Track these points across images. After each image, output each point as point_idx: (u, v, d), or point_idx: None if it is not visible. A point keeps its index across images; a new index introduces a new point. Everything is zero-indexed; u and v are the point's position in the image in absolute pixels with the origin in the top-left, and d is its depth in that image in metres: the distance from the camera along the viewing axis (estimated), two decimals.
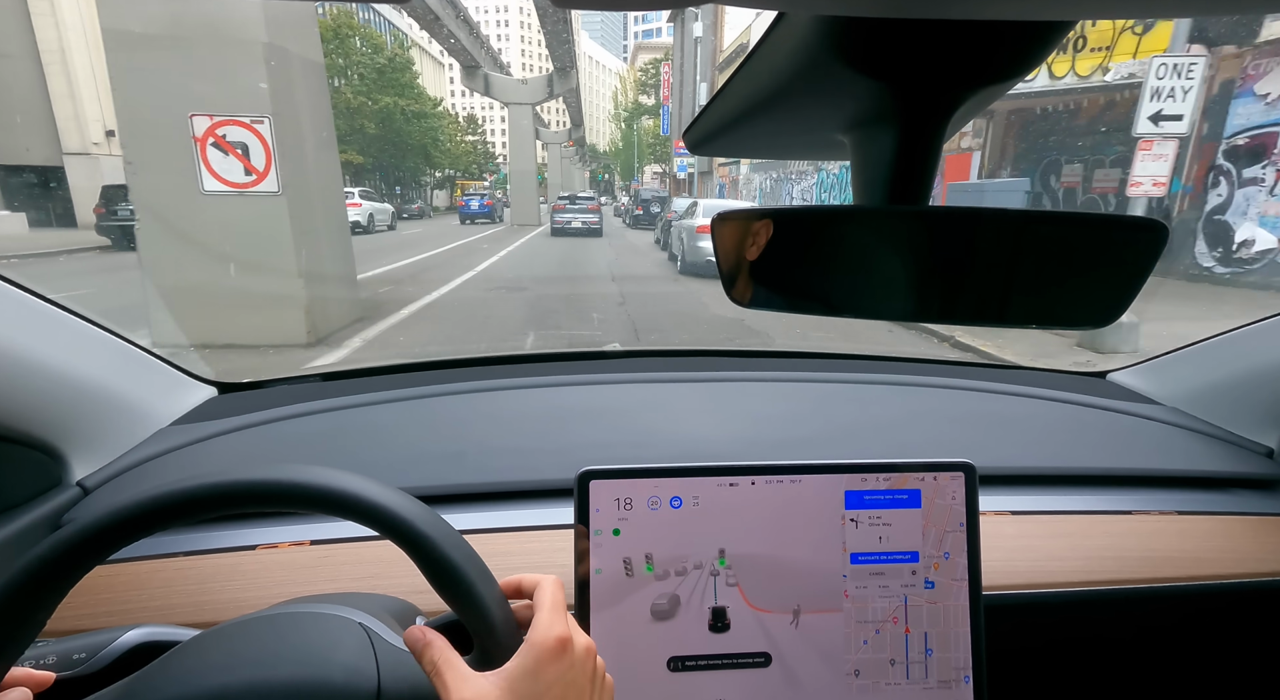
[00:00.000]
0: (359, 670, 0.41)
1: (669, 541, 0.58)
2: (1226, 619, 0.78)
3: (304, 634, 0.43)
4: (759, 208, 0.41)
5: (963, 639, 0.59)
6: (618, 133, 73.64)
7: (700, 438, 0.91)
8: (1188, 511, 0.83)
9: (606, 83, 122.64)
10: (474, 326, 6.02)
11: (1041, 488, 0.87)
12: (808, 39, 0.33)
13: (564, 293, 8.25)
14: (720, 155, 0.63)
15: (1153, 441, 0.95)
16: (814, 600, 0.59)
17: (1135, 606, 0.74)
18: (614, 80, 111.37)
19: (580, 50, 31.36)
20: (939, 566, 0.60)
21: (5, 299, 0.66)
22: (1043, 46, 0.33)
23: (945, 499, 0.60)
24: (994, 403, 1.04)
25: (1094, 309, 0.38)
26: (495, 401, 0.99)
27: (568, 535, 0.58)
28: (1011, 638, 0.69)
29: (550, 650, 0.40)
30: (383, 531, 0.39)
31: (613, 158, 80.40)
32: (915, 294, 0.39)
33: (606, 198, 57.68)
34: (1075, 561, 0.74)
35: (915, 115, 0.37)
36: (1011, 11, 0.26)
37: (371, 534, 0.42)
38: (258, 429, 0.88)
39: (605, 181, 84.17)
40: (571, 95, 34.59)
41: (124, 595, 0.63)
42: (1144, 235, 0.36)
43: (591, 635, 0.55)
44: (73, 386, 0.72)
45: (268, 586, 0.64)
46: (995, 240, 0.38)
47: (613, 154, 79.93)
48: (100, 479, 0.76)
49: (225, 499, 0.39)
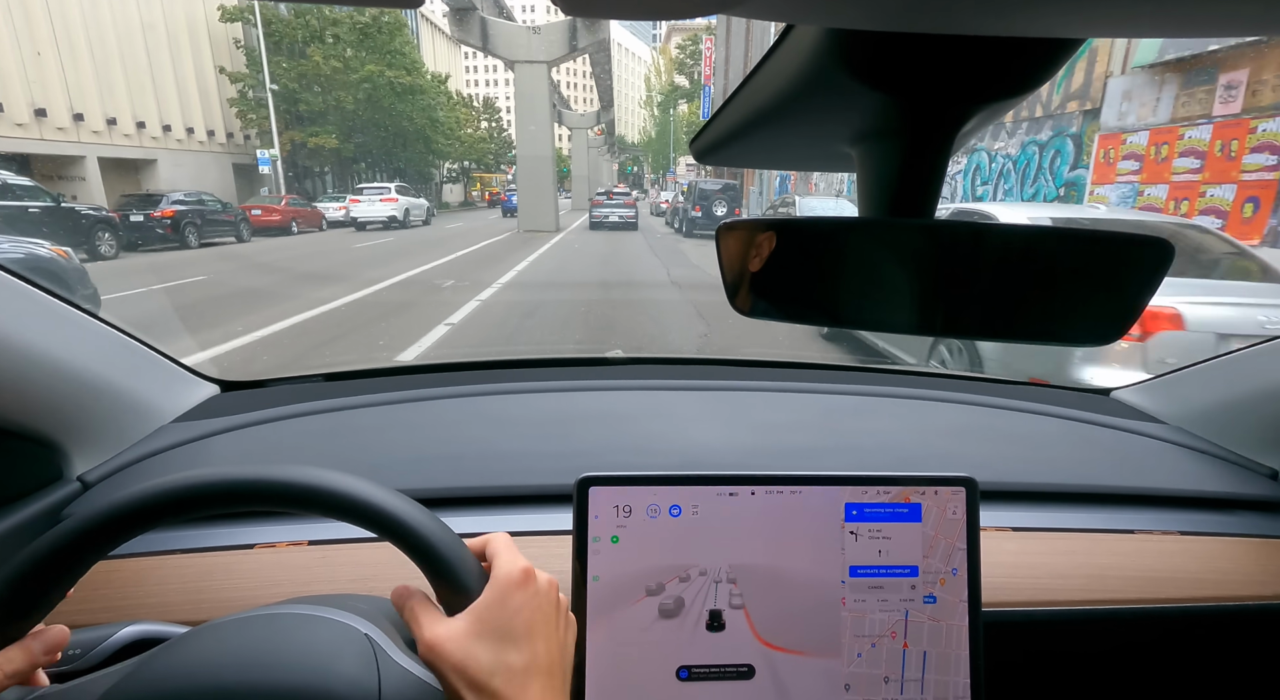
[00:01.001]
0: (360, 684, 0.41)
1: (667, 550, 0.57)
2: (1229, 641, 0.77)
3: (307, 638, 0.43)
4: (764, 218, 0.42)
5: (963, 662, 0.58)
6: (650, 120, 68.31)
7: (701, 446, 0.90)
8: (1190, 532, 0.82)
9: (635, 71, 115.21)
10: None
11: (1044, 504, 0.86)
12: (816, 51, 0.33)
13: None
14: (726, 165, 0.64)
15: (1156, 460, 0.94)
16: (811, 611, 0.58)
17: (1137, 627, 0.73)
18: (643, 68, 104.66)
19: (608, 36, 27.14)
20: (942, 582, 0.59)
21: (10, 292, 0.66)
22: (1052, 62, 0.33)
23: (946, 513, 0.60)
24: (997, 418, 1.03)
25: (1097, 326, 0.38)
26: (497, 405, 0.99)
27: (566, 541, 0.57)
28: (1011, 656, 0.69)
29: (515, 580, 0.43)
30: (369, 526, 0.41)
31: (643, 148, 74.25)
32: (919, 307, 0.39)
33: (638, 192, 52.97)
34: (1077, 579, 0.73)
35: (923, 129, 0.37)
36: (1020, 28, 0.27)
37: (368, 535, 0.42)
38: (259, 428, 0.88)
39: (634, 174, 78.46)
40: (601, 55, 31.95)
41: (121, 591, 0.63)
42: (1149, 252, 0.36)
43: (588, 642, 0.55)
44: (76, 381, 0.72)
45: (265, 585, 0.64)
46: (1001, 255, 0.38)
47: (643, 144, 73.82)
48: (101, 474, 0.76)
49: (216, 497, 0.40)
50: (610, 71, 38.16)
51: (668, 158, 58.03)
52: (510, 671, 0.40)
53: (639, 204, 22.73)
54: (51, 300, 0.71)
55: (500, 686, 0.39)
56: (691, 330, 5.96)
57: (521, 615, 0.42)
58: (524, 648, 0.41)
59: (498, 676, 0.39)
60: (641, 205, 28.78)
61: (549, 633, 0.43)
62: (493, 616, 0.41)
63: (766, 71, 0.38)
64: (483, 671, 0.39)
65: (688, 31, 53.04)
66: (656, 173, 68.41)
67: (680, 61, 49.66)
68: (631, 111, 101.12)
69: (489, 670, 0.39)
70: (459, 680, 0.39)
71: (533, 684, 0.40)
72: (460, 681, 0.39)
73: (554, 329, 5.83)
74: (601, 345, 5.35)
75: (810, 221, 0.39)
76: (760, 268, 0.40)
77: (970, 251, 0.38)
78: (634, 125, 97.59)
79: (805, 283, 0.41)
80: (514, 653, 0.40)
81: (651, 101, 63.81)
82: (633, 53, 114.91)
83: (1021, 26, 0.26)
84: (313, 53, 24.99)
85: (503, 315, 6.50)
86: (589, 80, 53.94)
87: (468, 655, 0.39)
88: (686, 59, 48.79)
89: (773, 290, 0.42)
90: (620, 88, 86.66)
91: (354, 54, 26.31)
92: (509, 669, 0.40)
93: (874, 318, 0.40)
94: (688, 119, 53.69)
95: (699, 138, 0.52)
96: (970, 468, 0.61)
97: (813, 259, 0.40)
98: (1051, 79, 0.35)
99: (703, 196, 15.91)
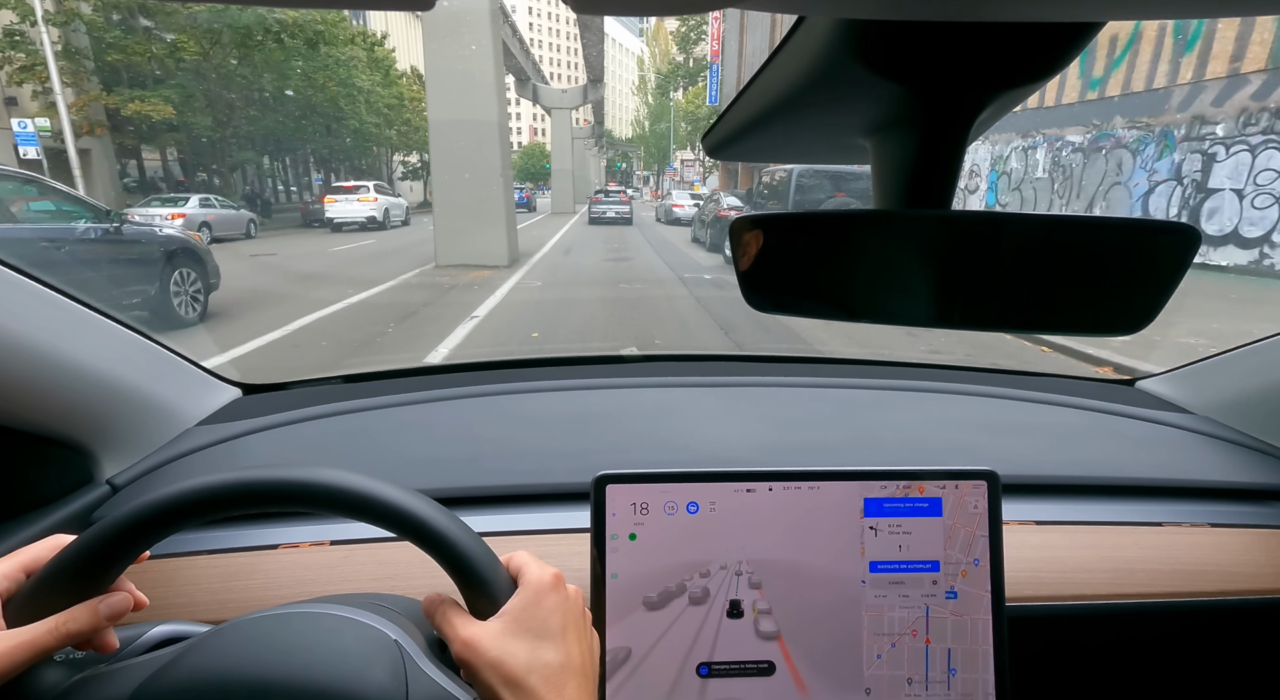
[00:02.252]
0: (389, 692, 0.41)
1: (685, 547, 0.57)
2: (1262, 635, 0.76)
3: (339, 639, 0.43)
4: (779, 212, 0.41)
5: (987, 658, 0.58)
6: (643, 108, 58.86)
7: (718, 443, 0.90)
8: (1220, 524, 0.80)
9: (624, 63, 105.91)
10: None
11: (1067, 497, 0.85)
12: (828, 42, 0.33)
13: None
14: (739, 160, 0.62)
15: (1183, 451, 0.93)
16: (831, 608, 0.58)
17: (1167, 621, 0.72)
18: (631, 60, 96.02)
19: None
20: (963, 575, 0.58)
21: (41, 301, 0.68)
22: (1069, 48, 0.32)
23: (967, 508, 0.59)
24: (1018, 410, 1.01)
25: (1122, 316, 0.37)
26: (514, 404, 0.99)
27: (584, 539, 0.58)
28: (1036, 651, 0.69)
29: (547, 584, 0.43)
30: (403, 534, 0.41)
31: (636, 142, 66.07)
32: (938, 299, 0.39)
33: (631, 190, 46.52)
34: (1104, 573, 0.72)
35: (938, 119, 0.36)
36: (1035, 13, 0.26)
37: (388, 535, 0.43)
38: (281, 430, 0.89)
39: (624, 171, 70.12)
40: (597, 97, 35.34)
41: (149, 592, 0.64)
42: (1175, 239, 0.35)
43: (606, 639, 0.55)
44: (104, 387, 0.73)
45: (289, 585, 0.66)
46: (1020, 245, 0.37)
47: (636, 138, 65.54)
48: (129, 477, 0.77)
49: (272, 495, 0.41)
50: (601, 40, 34.63)
51: (666, 150, 49.65)
52: (547, 669, 0.40)
53: (633, 202, 23.21)
54: (78, 306, 0.72)
55: (537, 684, 0.39)
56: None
57: (555, 616, 0.42)
58: (559, 647, 0.41)
59: (534, 674, 0.39)
60: (639, 208, 28.12)
61: (580, 636, 0.44)
62: (528, 617, 0.41)
63: (778, 64, 0.38)
64: (520, 668, 0.39)
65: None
66: (650, 168, 59.79)
67: (683, 35, 41.74)
68: (620, 106, 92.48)
69: (525, 667, 0.40)
70: (495, 677, 0.39)
71: (570, 682, 0.40)
72: (496, 678, 0.39)
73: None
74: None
75: (825, 214, 0.39)
76: (775, 262, 0.40)
77: (989, 242, 0.37)
78: (623, 120, 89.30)
79: (821, 276, 0.40)
80: (550, 651, 0.41)
81: (645, 86, 55.30)
82: (621, 44, 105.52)
83: (1036, 12, 0.25)
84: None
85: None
86: (575, 57, 46.88)
87: (504, 652, 0.40)
88: (690, 34, 40.90)
89: (788, 285, 0.41)
90: (608, 80, 78.21)
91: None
92: (546, 666, 0.40)
93: (891, 311, 0.40)
94: (689, 105, 46.06)
95: (711, 133, 0.51)
96: (991, 461, 0.61)
97: (828, 252, 0.39)
98: (1068, 66, 0.33)
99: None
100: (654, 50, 53.58)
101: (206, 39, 17.05)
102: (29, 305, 0.66)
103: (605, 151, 68.79)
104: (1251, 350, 0.95)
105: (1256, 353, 0.94)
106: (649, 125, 54.89)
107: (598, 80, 36.77)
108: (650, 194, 54.77)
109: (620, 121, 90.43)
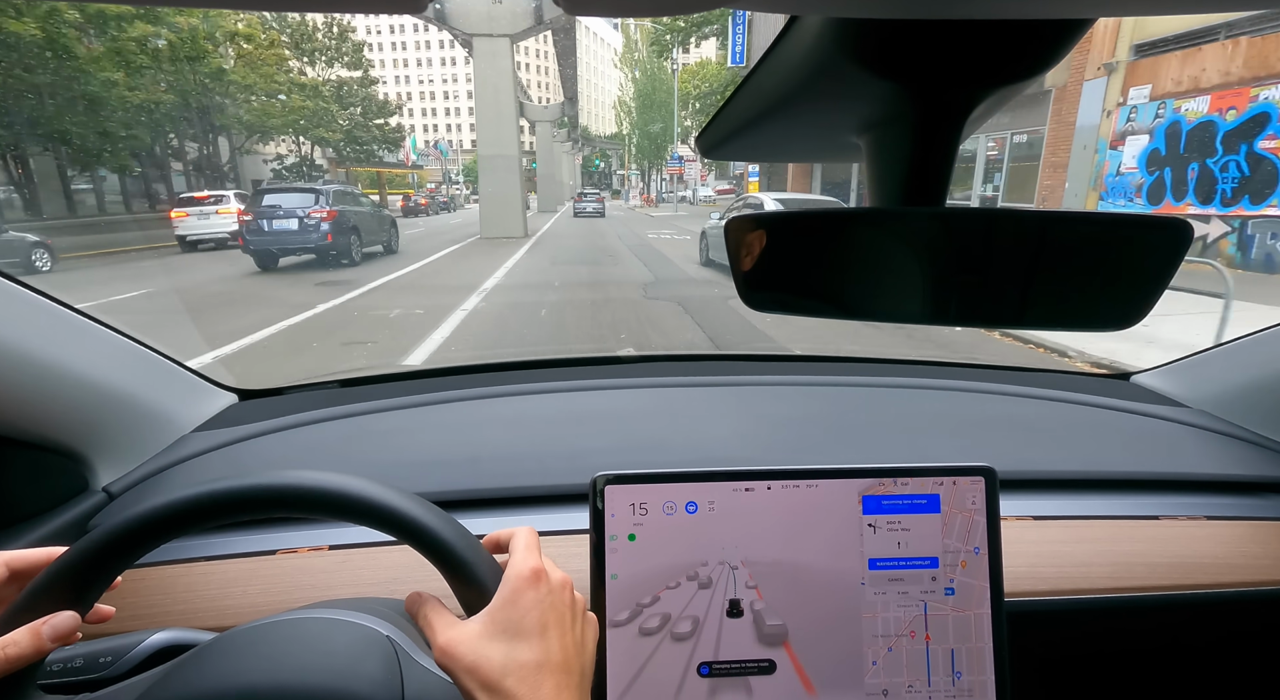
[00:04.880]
0: (384, 685, 0.42)
1: (685, 547, 0.57)
2: (1261, 627, 0.76)
3: (331, 641, 0.44)
4: (772, 211, 0.42)
5: (986, 654, 0.58)
6: (627, 86, 46.07)
7: (715, 442, 0.90)
8: (1217, 516, 0.81)
9: (602, 56, 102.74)
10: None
11: (1065, 492, 0.85)
12: (821, 41, 0.33)
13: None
14: (734, 159, 0.63)
15: (1180, 445, 0.93)
16: (831, 605, 0.58)
17: (1166, 614, 0.73)
18: (609, 53, 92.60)
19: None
20: (962, 566, 0.59)
21: (35, 309, 0.68)
22: (1060, 44, 0.32)
23: (965, 503, 0.59)
24: (1014, 405, 1.02)
25: (1115, 311, 0.38)
26: (511, 406, 0.99)
27: (583, 540, 0.58)
28: (1035, 646, 0.69)
29: (525, 579, 0.43)
30: (385, 529, 0.41)
31: (615, 140, 57.91)
32: (932, 296, 0.39)
33: (607, 193, 45.23)
34: (1102, 567, 0.73)
35: (931, 116, 0.37)
36: (1027, 10, 0.26)
37: (387, 539, 0.43)
38: (278, 435, 0.89)
39: (601, 171, 66.57)
40: (566, 41, 32.32)
41: (148, 599, 0.64)
42: (1166, 235, 0.35)
43: (607, 642, 0.55)
44: (99, 394, 0.73)
45: (288, 591, 0.65)
46: (1014, 241, 0.37)
47: (615, 136, 59.57)
48: (125, 485, 0.77)
49: (240, 503, 0.41)
50: (575, 69, 34.59)
51: (662, 139, 38.96)
52: (523, 670, 0.40)
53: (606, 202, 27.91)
54: (72, 315, 0.72)
55: (513, 686, 0.39)
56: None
57: (533, 614, 0.42)
58: (535, 645, 0.41)
59: (510, 676, 0.39)
60: (628, 216, 28.97)
61: (562, 631, 0.43)
62: (504, 616, 0.41)
63: (772, 63, 0.38)
64: (495, 672, 0.39)
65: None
66: (640, 165, 49.04)
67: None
68: (596, 101, 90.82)
69: (501, 670, 0.39)
70: (472, 681, 0.39)
71: (546, 681, 0.40)
72: (473, 683, 0.39)
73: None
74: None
75: (821, 213, 0.39)
76: (770, 261, 0.40)
77: (984, 238, 0.37)
78: (601, 116, 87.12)
79: (816, 275, 0.41)
80: (525, 651, 0.41)
81: (631, 55, 42.55)
82: (600, 36, 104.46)
83: (1028, 9, 0.26)
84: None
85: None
86: (547, 76, 46.32)
87: (479, 656, 0.40)
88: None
89: (783, 283, 0.41)
90: (584, 73, 76.80)
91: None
92: (521, 667, 0.40)
93: (887, 309, 0.40)
94: (705, 70, 35.77)
95: (705, 133, 0.52)
96: (989, 457, 0.61)
97: (823, 250, 0.40)
98: (1059, 62, 0.34)
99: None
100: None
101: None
102: (23, 313, 0.66)
103: (580, 149, 63.95)
104: (1245, 344, 0.96)
105: (1250, 346, 0.95)
106: (637, 115, 42.26)
107: (573, 99, 38.88)
108: (642, 199, 44.67)
109: (597, 118, 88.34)
